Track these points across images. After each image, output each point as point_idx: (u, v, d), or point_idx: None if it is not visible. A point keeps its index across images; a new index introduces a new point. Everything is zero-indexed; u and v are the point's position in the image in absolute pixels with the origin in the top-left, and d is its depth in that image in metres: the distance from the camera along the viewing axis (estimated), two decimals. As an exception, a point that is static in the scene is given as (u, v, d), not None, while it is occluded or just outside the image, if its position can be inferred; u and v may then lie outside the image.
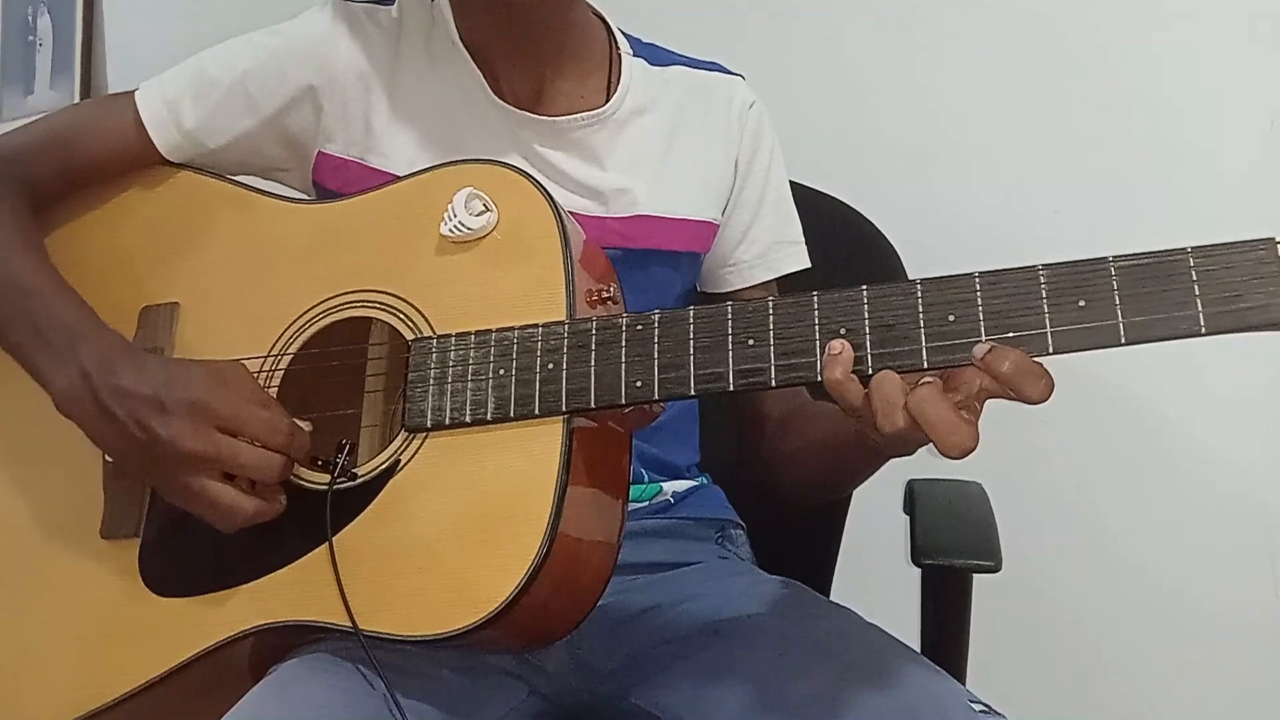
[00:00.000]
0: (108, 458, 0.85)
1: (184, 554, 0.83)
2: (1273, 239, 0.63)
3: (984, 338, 0.66)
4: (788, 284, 1.03)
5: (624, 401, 0.73)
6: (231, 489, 0.78)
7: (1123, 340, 0.64)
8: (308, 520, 0.78)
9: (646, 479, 0.97)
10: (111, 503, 0.86)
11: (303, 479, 0.81)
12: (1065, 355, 0.66)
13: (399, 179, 0.88)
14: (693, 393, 0.72)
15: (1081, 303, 0.65)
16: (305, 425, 0.80)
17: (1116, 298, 0.64)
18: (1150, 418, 1.41)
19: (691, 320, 0.73)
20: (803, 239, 1.04)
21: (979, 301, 0.67)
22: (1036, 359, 0.65)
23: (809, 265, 1.04)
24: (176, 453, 0.77)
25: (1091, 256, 0.65)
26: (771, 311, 0.71)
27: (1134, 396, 1.39)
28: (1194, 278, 0.63)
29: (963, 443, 0.65)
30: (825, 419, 0.92)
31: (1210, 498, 1.40)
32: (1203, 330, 0.63)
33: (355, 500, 0.78)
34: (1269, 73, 1.33)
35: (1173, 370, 1.33)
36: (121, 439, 0.79)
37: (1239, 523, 1.40)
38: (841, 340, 0.68)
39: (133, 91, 0.96)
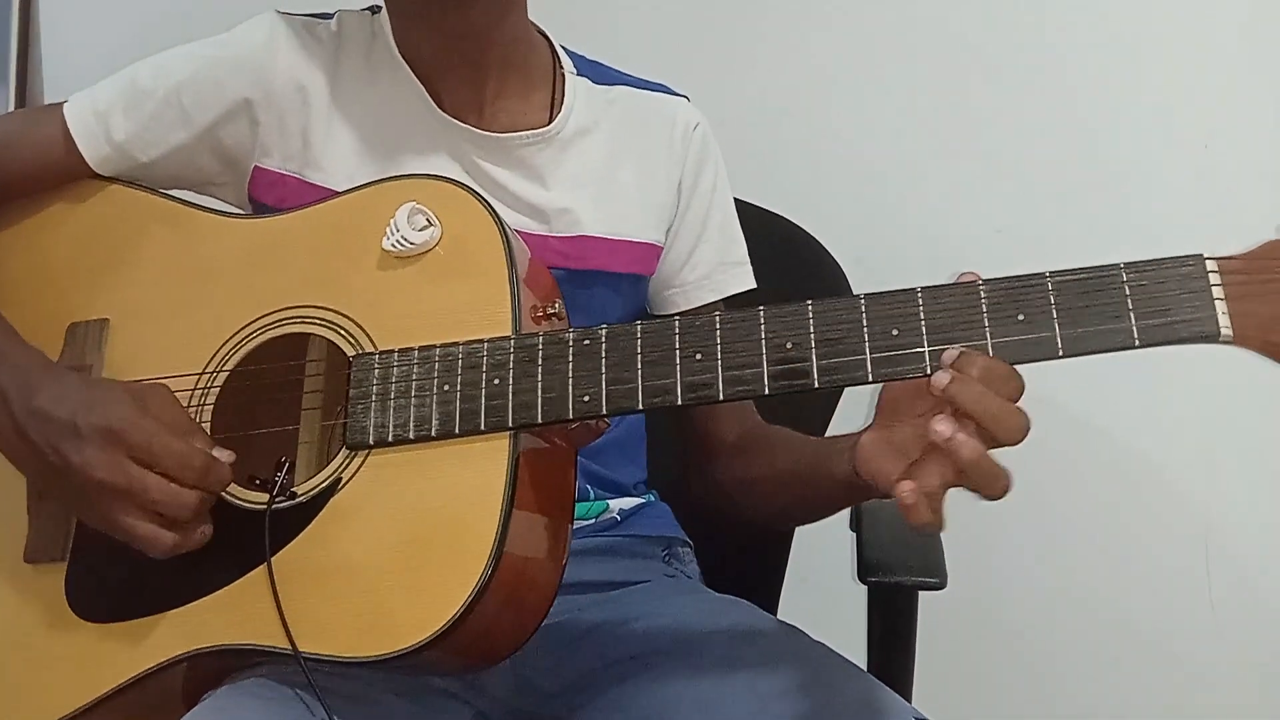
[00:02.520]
0: None
1: (113, 578, 0.80)
2: (1200, 255, 0.65)
3: (926, 349, 0.67)
4: (734, 302, 1.04)
5: (571, 416, 0.73)
6: (148, 522, 0.75)
7: (1060, 352, 0.65)
8: (244, 541, 0.76)
9: (593, 496, 0.96)
10: (36, 526, 0.83)
11: (239, 499, 0.79)
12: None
13: (339, 194, 0.86)
14: (641, 407, 0.72)
15: (1020, 316, 0.66)
16: (225, 455, 0.77)
17: (1054, 311, 0.65)
18: (1091, 434, 1.44)
19: (639, 335, 0.73)
20: (748, 260, 1.05)
21: (921, 315, 0.67)
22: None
23: (754, 286, 1.04)
24: (88, 481, 0.75)
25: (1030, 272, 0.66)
26: (719, 326, 0.71)
27: (1075, 413, 1.42)
28: (1127, 292, 0.65)
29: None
30: (795, 449, 0.92)
31: (1147, 512, 1.44)
32: (1136, 342, 0.64)
33: (294, 520, 0.76)
34: (1203, 97, 1.37)
35: (1113, 386, 1.36)
36: (37, 462, 0.77)
37: (1175, 537, 1.44)
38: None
39: (63, 103, 0.93)
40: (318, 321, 0.81)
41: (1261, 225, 0.66)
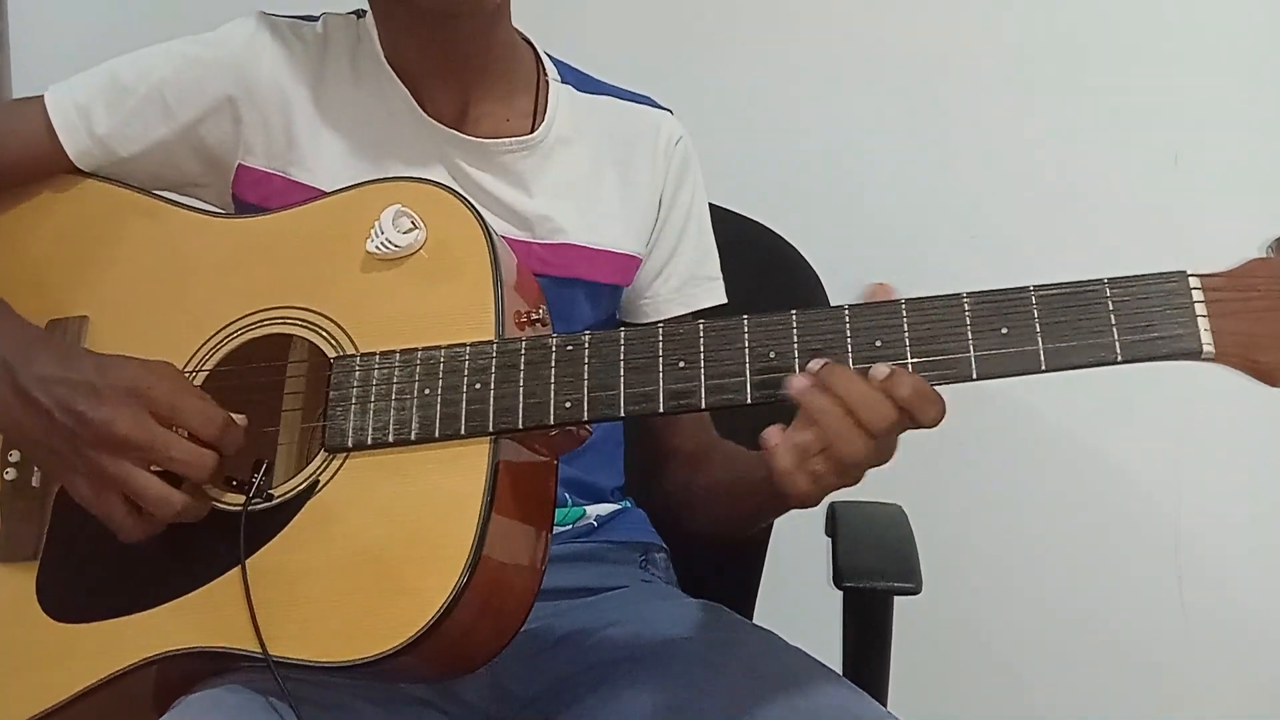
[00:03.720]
0: (11, 459, 0.81)
1: (86, 578, 0.79)
2: (1184, 272, 0.65)
3: (910, 360, 0.67)
4: (703, 317, 1.03)
5: (553, 422, 0.73)
6: (160, 480, 0.75)
7: (1043, 367, 0.66)
8: (220, 543, 0.75)
9: (569, 502, 0.96)
10: (9, 524, 0.82)
11: (217, 499, 0.78)
12: (983, 382, 0.67)
13: (324, 194, 0.86)
14: (623, 414, 0.72)
15: (1004, 330, 0.66)
16: (240, 419, 0.78)
17: (1037, 325, 0.66)
18: (1064, 441, 1.46)
19: (622, 342, 0.72)
20: (720, 275, 1.05)
21: (905, 327, 0.68)
22: (959, 382, 0.66)
23: (725, 301, 1.04)
24: (108, 436, 0.74)
25: (1011, 285, 0.67)
26: (702, 334, 0.71)
27: (1049, 420, 1.44)
28: (1110, 308, 0.65)
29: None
30: (737, 461, 0.93)
31: (1119, 517, 1.46)
32: (1119, 358, 0.65)
33: (271, 522, 0.75)
34: (1173, 112, 1.39)
35: (1086, 394, 1.38)
36: (39, 427, 0.76)
37: (1146, 541, 1.46)
38: (777, 427, 0.69)
39: (42, 95, 0.92)
40: (299, 323, 0.80)
41: (1229, 237, 0.67)
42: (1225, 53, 1.39)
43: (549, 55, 1.01)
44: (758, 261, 1.15)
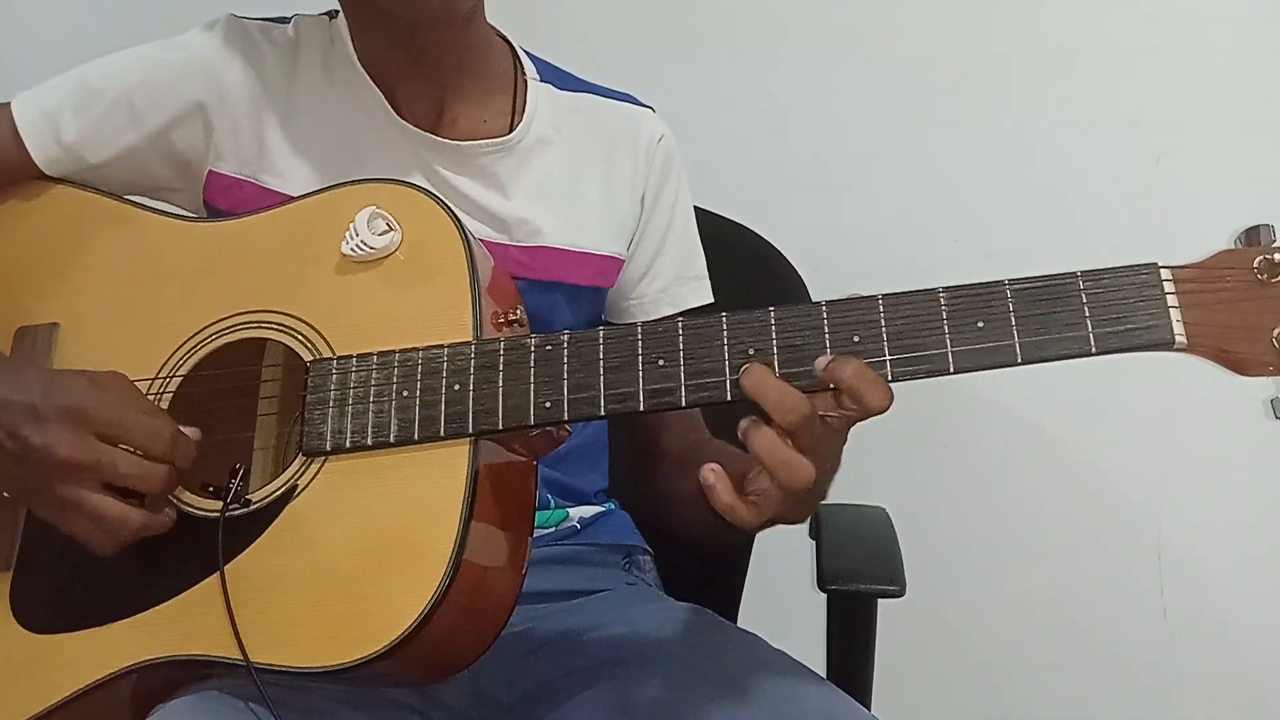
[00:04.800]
0: None
1: (61, 587, 0.78)
2: (1155, 264, 0.66)
3: (888, 356, 0.67)
4: (699, 310, 1.03)
5: (533, 423, 0.72)
6: (115, 500, 0.74)
7: (1019, 359, 0.66)
8: (197, 549, 0.74)
9: (553, 505, 0.95)
10: (-19, 535, 0.81)
11: (192, 506, 0.77)
12: (965, 384, 0.67)
13: (297, 198, 0.85)
14: (603, 413, 0.71)
15: (980, 324, 0.66)
16: (192, 432, 0.76)
17: (1013, 319, 0.66)
18: (1047, 445, 1.46)
19: (601, 341, 0.72)
20: (706, 274, 1.04)
21: (883, 323, 0.68)
22: (936, 376, 0.66)
23: (711, 300, 1.03)
24: (51, 461, 0.73)
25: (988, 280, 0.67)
26: (681, 332, 0.71)
27: (1032, 424, 1.44)
28: (1084, 300, 0.65)
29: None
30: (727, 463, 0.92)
31: (1102, 521, 1.46)
32: (1093, 350, 0.65)
33: (249, 527, 0.75)
34: (1155, 112, 1.40)
35: (1070, 397, 1.38)
36: None
37: (1128, 545, 1.47)
38: (711, 467, 0.69)
39: (9, 102, 0.91)
40: (274, 326, 0.80)
41: (1211, 237, 0.67)
42: (1207, 54, 1.40)
43: (528, 53, 1.01)
44: (741, 263, 1.15)
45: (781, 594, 1.21)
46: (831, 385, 0.67)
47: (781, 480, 0.67)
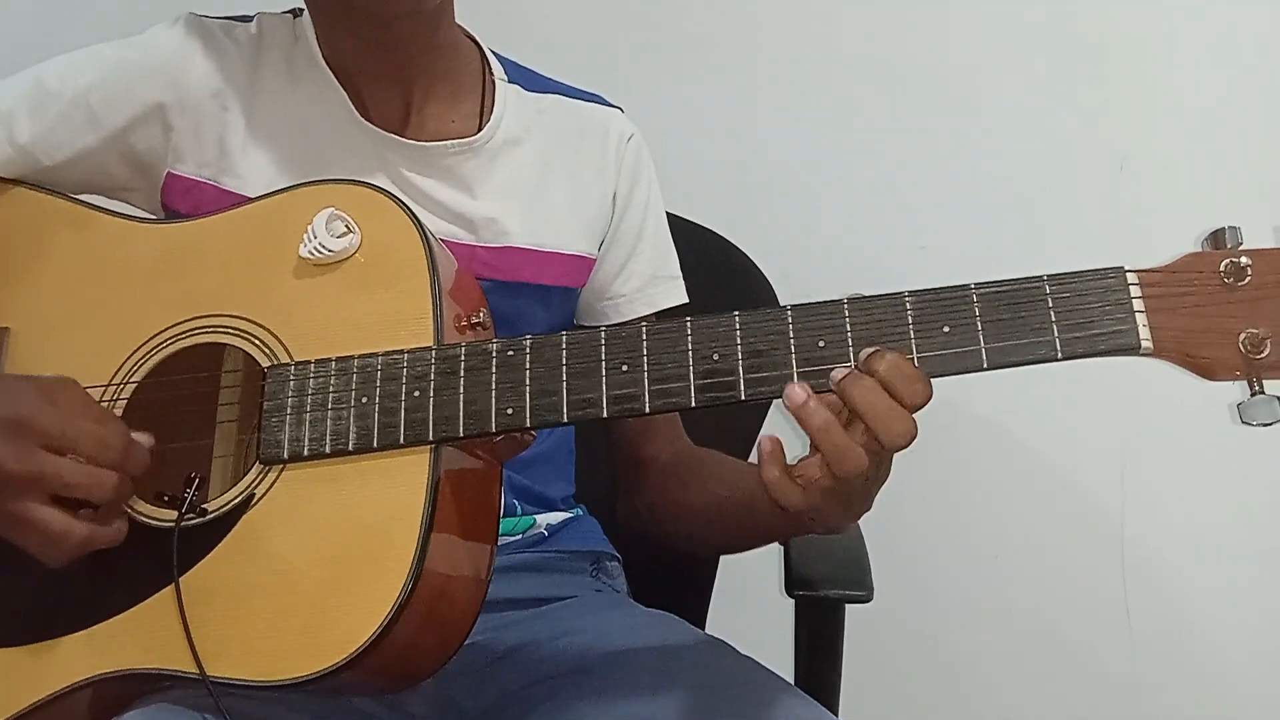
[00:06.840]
0: None
1: (12, 600, 0.77)
2: (1121, 268, 0.65)
3: (853, 361, 0.66)
4: (665, 317, 1.03)
5: (495, 430, 0.71)
6: (60, 512, 0.72)
7: (985, 365, 0.66)
8: (152, 560, 0.73)
9: (519, 511, 0.94)
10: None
11: (148, 516, 0.75)
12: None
13: (256, 199, 0.84)
14: (566, 420, 0.70)
15: (946, 328, 0.66)
16: (144, 439, 0.75)
17: (979, 323, 0.66)
18: (1012, 449, 1.47)
19: (564, 345, 0.71)
20: (680, 274, 1.04)
21: (848, 327, 0.67)
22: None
23: (686, 300, 1.03)
24: None
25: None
26: (645, 337, 0.70)
27: (997, 429, 1.45)
28: (1050, 304, 0.65)
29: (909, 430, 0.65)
30: (730, 475, 0.91)
31: (1064, 524, 1.47)
32: (1059, 355, 0.65)
33: (205, 537, 0.73)
34: (1119, 121, 1.41)
35: (1033, 402, 1.39)
36: None
37: (1091, 547, 1.48)
38: (773, 437, 0.67)
39: None
40: (231, 331, 0.78)
41: (1176, 243, 0.67)
42: (1171, 57, 1.41)
43: (495, 54, 1.00)
44: (709, 269, 1.14)
45: (750, 599, 1.20)
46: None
47: (833, 463, 0.65)
